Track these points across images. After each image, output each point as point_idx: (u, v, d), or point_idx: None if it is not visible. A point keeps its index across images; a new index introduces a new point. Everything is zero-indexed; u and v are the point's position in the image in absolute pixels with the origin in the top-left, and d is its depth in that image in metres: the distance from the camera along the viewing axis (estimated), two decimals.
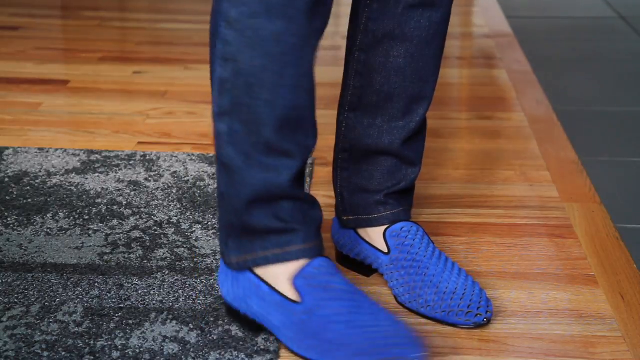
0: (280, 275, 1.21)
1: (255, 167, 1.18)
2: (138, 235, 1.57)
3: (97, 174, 1.82)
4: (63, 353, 1.23)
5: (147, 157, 1.91)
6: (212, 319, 1.32)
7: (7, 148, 1.93)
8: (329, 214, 1.67)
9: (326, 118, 2.12)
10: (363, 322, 1.17)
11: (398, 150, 1.41)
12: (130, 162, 1.88)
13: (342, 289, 1.20)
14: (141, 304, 1.36)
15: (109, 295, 1.38)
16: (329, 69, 2.58)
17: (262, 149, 1.17)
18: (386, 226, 1.43)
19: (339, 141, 1.44)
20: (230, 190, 1.21)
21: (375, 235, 1.44)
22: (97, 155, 1.91)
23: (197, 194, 1.74)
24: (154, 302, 1.36)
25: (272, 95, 1.15)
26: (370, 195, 1.44)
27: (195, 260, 1.49)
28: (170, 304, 1.36)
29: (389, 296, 1.40)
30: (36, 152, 1.92)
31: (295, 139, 1.19)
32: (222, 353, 1.24)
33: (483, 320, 1.30)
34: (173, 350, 1.25)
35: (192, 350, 1.25)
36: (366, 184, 1.44)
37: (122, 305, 1.35)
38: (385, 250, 1.42)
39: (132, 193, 1.74)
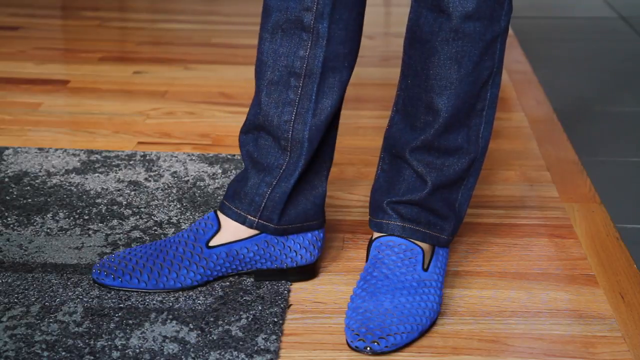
0: None
1: None
2: (138, 235, 1.57)
3: (97, 174, 1.82)
4: (63, 353, 1.23)
5: (147, 157, 1.91)
6: (212, 319, 1.32)
7: (7, 148, 1.93)
8: (329, 215, 1.67)
9: None
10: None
11: (408, 158, 1.36)
12: (130, 162, 1.88)
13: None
14: (141, 304, 1.36)
15: (109, 295, 1.38)
16: None
17: None
18: (377, 235, 1.39)
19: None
20: None
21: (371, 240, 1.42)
22: (97, 155, 1.91)
23: (197, 194, 1.73)
24: (154, 302, 1.36)
25: None
26: (381, 198, 1.39)
27: None
28: (170, 304, 1.36)
29: None
30: (36, 152, 1.92)
31: None
32: (222, 353, 1.24)
33: (364, 349, 1.23)
34: (173, 350, 1.25)
35: (192, 350, 1.25)
36: (383, 184, 1.40)
37: (122, 305, 1.35)
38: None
39: (132, 193, 1.74)
